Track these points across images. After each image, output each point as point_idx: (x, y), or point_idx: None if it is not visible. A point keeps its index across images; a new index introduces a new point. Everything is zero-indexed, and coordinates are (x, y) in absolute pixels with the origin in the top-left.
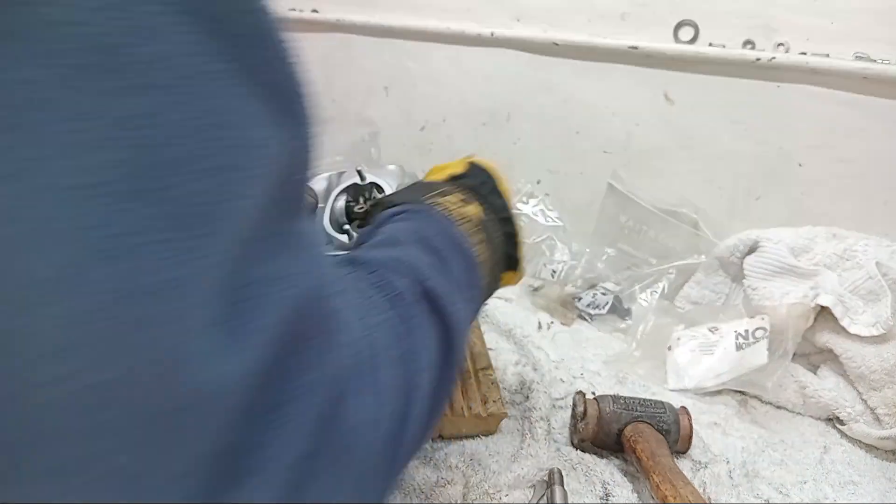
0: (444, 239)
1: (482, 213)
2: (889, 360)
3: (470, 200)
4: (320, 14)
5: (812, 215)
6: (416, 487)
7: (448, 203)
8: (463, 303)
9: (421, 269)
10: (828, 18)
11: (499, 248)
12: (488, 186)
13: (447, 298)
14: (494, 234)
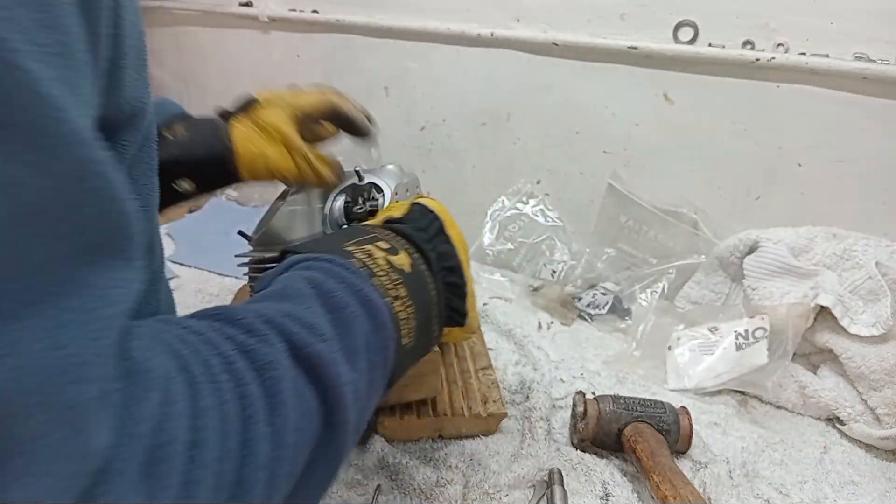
0: (349, 294)
1: (411, 263)
2: (889, 359)
3: (398, 249)
4: (321, 14)
5: (812, 215)
6: (417, 487)
7: (371, 251)
8: (361, 370)
9: (306, 332)
10: (827, 19)
11: (435, 301)
12: (430, 232)
13: (333, 368)
14: (429, 287)
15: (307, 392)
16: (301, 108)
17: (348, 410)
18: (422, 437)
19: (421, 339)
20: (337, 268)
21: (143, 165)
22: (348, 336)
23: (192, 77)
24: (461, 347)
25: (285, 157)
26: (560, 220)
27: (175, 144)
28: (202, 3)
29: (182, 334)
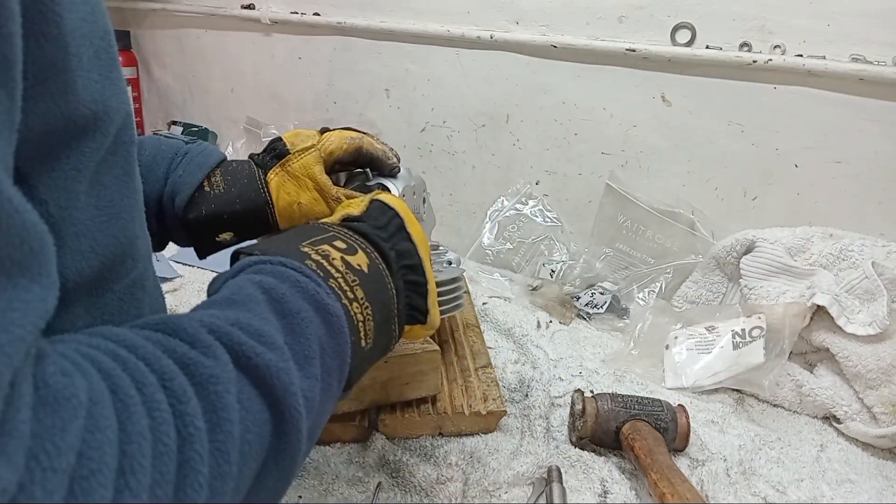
0: (303, 299)
1: (369, 263)
2: (885, 358)
3: (356, 248)
4: (322, 17)
5: (808, 215)
6: (417, 485)
7: (327, 251)
8: (315, 377)
9: (254, 340)
10: (824, 21)
11: (394, 301)
12: (389, 230)
13: (283, 376)
14: (388, 286)
15: (255, 404)
16: (328, 151)
17: (300, 418)
18: (422, 435)
19: (380, 340)
20: (290, 271)
21: (117, 170)
22: (301, 342)
23: (195, 79)
24: (461, 346)
25: (319, 201)
26: (559, 221)
27: (214, 198)
28: (204, 6)
29: (115, 350)
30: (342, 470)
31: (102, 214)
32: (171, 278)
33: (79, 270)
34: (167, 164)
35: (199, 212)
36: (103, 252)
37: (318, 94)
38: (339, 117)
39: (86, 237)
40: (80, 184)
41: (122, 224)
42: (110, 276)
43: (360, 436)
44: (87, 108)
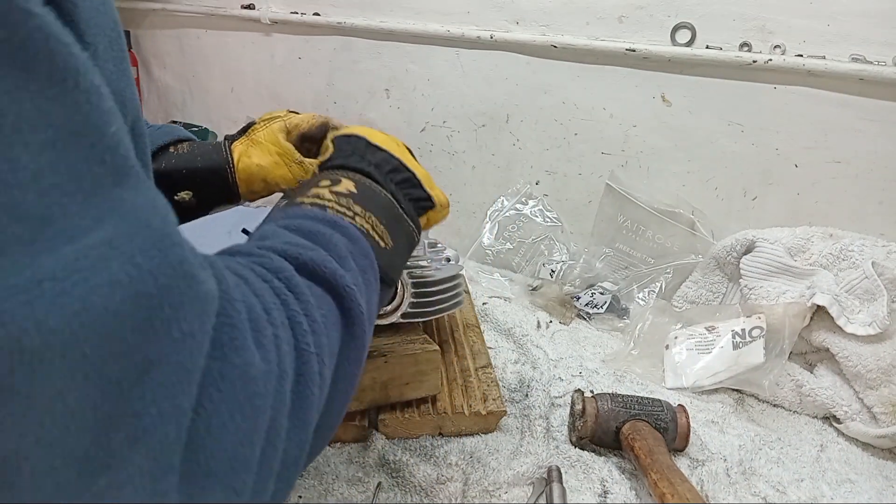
0: (316, 223)
1: (354, 183)
2: (885, 359)
3: (339, 179)
4: (322, 17)
5: (808, 215)
6: (417, 485)
7: (316, 192)
8: (354, 270)
9: (293, 247)
10: (824, 21)
11: (392, 202)
12: (359, 151)
13: (329, 265)
14: (380, 194)
15: (323, 294)
16: (294, 123)
17: (356, 301)
18: (422, 435)
19: (399, 238)
20: (297, 212)
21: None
22: (330, 247)
23: (195, 79)
24: (461, 346)
25: (279, 164)
26: (559, 221)
27: (177, 157)
28: (204, 6)
29: (231, 265)
30: (342, 470)
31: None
32: None
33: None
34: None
35: (158, 164)
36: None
37: (318, 94)
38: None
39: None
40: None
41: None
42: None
43: (360, 436)
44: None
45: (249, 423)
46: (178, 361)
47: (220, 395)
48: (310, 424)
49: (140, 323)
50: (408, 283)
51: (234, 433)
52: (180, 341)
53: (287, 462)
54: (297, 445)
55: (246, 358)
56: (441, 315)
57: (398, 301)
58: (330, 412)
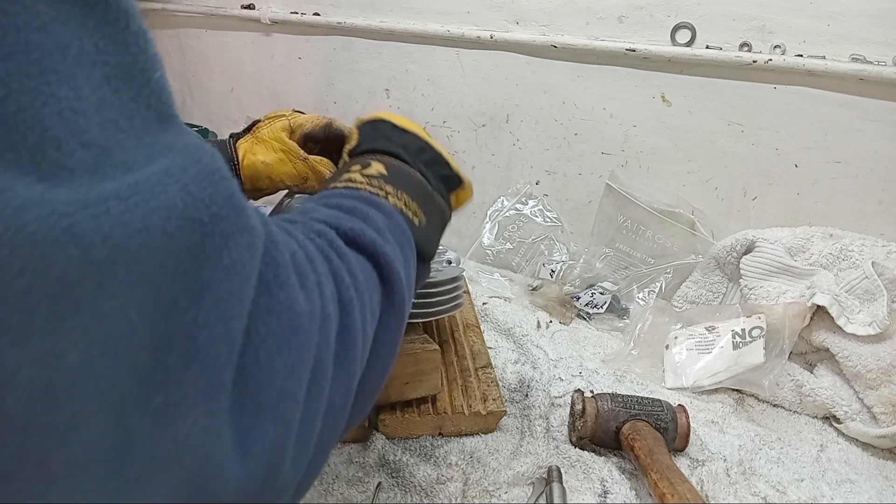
0: (351, 199)
1: (385, 165)
2: (885, 359)
3: (369, 162)
4: (322, 17)
5: (808, 215)
6: (417, 484)
7: (348, 176)
8: (391, 243)
9: (334, 217)
10: (824, 21)
11: (423, 180)
12: (385, 134)
13: (369, 234)
14: (411, 173)
15: (364, 263)
16: (297, 122)
17: (394, 267)
18: (422, 435)
19: (432, 214)
20: (331, 191)
21: None
22: (369, 220)
23: (195, 79)
24: (461, 346)
25: (284, 161)
26: (559, 221)
27: None
28: (204, 6)
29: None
30: (342, 470)
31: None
32: None
33: None
34: None
35: None
36: None
37: (318, 94)
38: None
39: None
40: None
41: None
42: None
43: (360, 436)
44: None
45: (295, 357)
46: (230, 288)
47: (267, 328)
48: (354, 374)
49: (194, 247)
50: None
51: (281, 365)
52: (230, 269)
53: (333, 408)
54: (342, 393)
55: (290, 294)
56: (441, 317)
57: None
58: (372, 372)
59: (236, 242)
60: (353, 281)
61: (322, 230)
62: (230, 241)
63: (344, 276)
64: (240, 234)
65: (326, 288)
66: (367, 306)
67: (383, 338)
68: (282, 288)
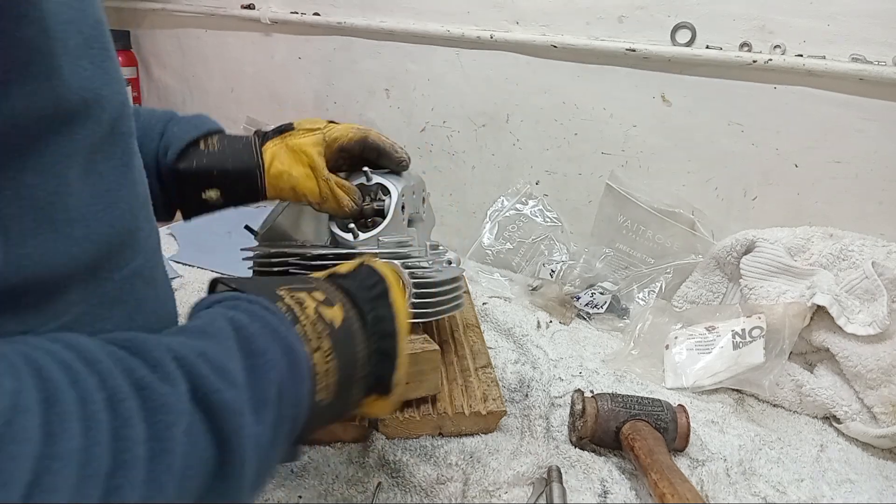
0: (272, 340)
1: (343, 318)
2: (885, 359)
3: (334, 301)
4: (322, 17)
5: (808, 215)
6: (417, 485)
7: (302, 299)
8: (267, 424)
9: (216, 376)
10: (824, 20)
11: (363, 362)
12: (373, 293)
13: (236, 418)
14: (358, 346)
15: (202, 439)
16: (332, 137)
17: (246, 464)
18: (422, 435)
19: (336, 401)
20: (262, 311)
21: (115, 160)
22: (261, 385)
23: (195, 79)
24: (461, 346)
25: (310, 177)
26: (559, 221)
27: (207, 155)
28: (204, 6)
29: (69, 362)
30: (342, 470)
31: (98, 202)
32: (172, 278)
33: (72, 256)
34: (162, 125)
35: (189, 163)
36: (98, 239)
37: (318, 94)
38: (339, 117)
39: (79, 223)
40: (71, 169)
41: (119, 213)
42: (108, 264)
43: (360, 436)
44: (77, 94)
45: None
46: None
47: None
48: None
49: None
50: (409, 284)
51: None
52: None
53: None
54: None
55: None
56: (441, 317)
57: None
58: None
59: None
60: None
61: (172, 401)
62: None
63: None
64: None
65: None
66: (167, 462)
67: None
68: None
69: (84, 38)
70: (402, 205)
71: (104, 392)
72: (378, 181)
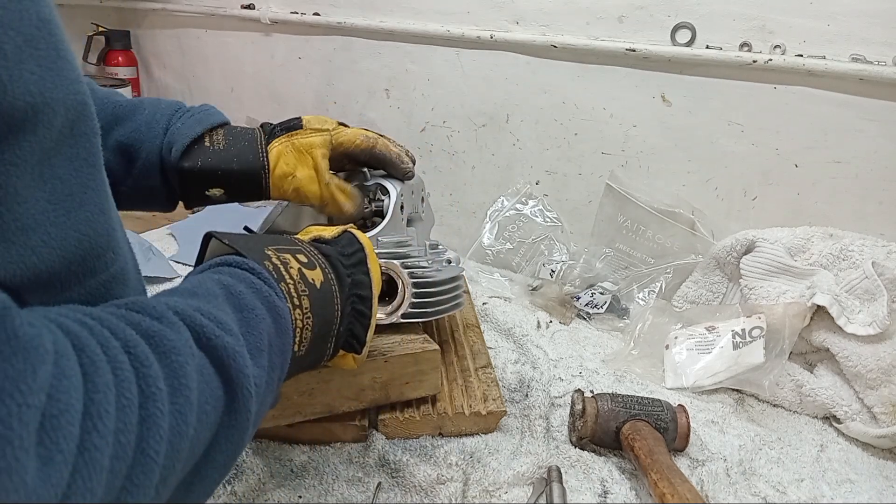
0: (257, 298)
1: (323, 281)
2: (885, 359)
3: (315, 265)
4: (322, 17)
5: (808, 215)
6: (417, 485)
7: (287, 260)
8: (263, 367)
9: (214, 324)
10: (824, 20)
11: (337, 322)
12: (353, 259)
13: (238, 359)
14: (335, 307)
15: (212, 379)
16: (339, 140)
17: (250, 399)
18: (422, 435)
19: (312, 352)
20: (247, 273)
21: (78, 162)
22: (254, 335)
23: (195, 79)
24: (461, 346)
25: (313, 180)
26: (559, 221)
27: (213, 153)
28: (204, 6)
29: (80, 318)
30: (342, 470)
31: (57, 208)
32: (171, 278)
33: (29, 265)
34: (167, 120)
35: (194, 162)
36: (61, 246)
37: (318, 94)
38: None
39: (35, 231)
40: (19, 178)
41: (85, 216)
42: (82, 269)
43: (360, 436)
44: (21, 100)
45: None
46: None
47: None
48: (153, 470)
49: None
50: (408, 283)
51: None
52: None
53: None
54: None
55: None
56: (441, 317)
57: (399, 301)
58: (202, 480)
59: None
60: (150, 437)
61: (179, 344)
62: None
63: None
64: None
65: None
66: (189, 406)
67: (220, 447)
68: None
69: (25, 40)
70: (402, 205)
71: (118, 340)
72: (377, 181)
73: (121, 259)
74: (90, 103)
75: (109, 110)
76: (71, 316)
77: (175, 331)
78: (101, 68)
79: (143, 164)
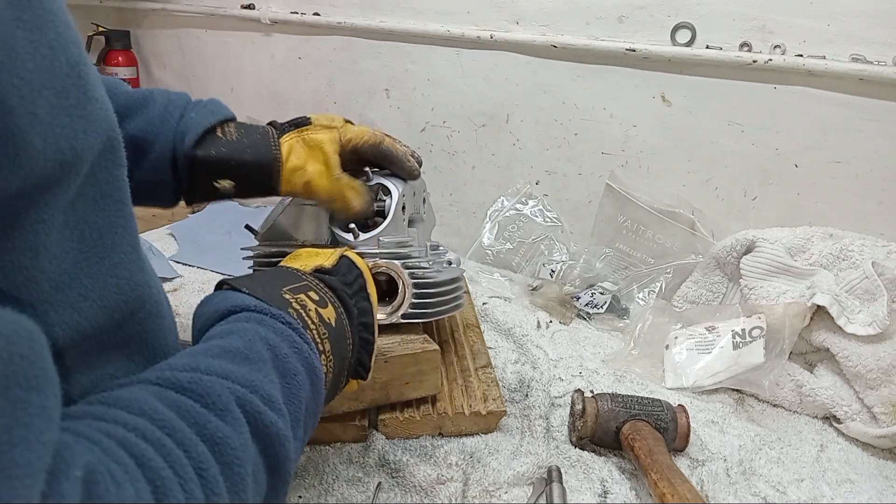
0: (299, 360)
1: (336, 317)
2: (885, 359)
3: (327, 302)
4: (322, 17)
5: (808, 215)
6: (417, 485)
7: (304, 301)
8: (300, 439)
9: (267, 407)
10: (824, 21)
11: (349, 355)
12: (354, 287)
13: (286, 445)
14: (347, 341)
15: (262, 473)
16: (347, 137)
17: (289, 480)
18: (422, 435)
19: (331, 392)
20: (287, 329)
21: (105, 200)
22: (295, 404)
23: (195, 79)
24: (461, 346)
25: (323, 175)
26: (559, 221)
27: (225, 144)
28: (204, 6)
29: (141, 427)
30: (342, 470)
31: (89, 256)
32: (171, 278)
33: (72, 325)
34: (179, 112)
35: (207, 150)
36: (100, 297)
37: (318, 94)
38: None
39: (71, 287)
40: (47, 235)
41: (119, 259)
42: (121, 316)
43: (360, 436)
44: (52, 160)
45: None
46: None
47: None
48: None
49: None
50: (409, 284)
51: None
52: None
53: None
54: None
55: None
56: (441, 317)
57: (399, 301)
58: None
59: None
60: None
61: (229, 435)
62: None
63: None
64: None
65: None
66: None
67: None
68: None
69: (57, 95)
70: (403, 205)
71: (191, 461)
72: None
73: (154, 291)
74: (118, 136)
75: (121, 101)
76: (133, 424)
77: (238, 431)
78: (101, 68)
79: (155, 157)
